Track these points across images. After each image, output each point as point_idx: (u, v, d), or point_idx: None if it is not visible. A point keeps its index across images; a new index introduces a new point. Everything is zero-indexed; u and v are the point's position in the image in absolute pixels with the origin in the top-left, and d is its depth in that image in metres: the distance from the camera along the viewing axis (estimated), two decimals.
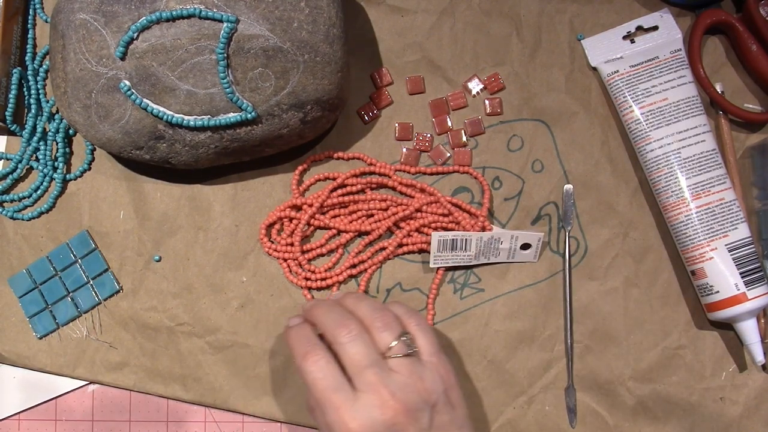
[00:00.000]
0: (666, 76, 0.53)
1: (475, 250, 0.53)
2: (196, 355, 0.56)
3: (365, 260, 0.55)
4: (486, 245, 0.53)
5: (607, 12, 0.56)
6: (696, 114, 0.53)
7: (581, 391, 0.55)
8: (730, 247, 0.51)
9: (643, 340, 0.55)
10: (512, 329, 0.55)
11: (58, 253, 0.57)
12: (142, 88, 0.48)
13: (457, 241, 0.52)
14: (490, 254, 0.54)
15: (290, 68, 0.49)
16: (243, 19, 0.47)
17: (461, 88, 0.57)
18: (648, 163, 0.53)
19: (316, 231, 0.56)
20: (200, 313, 0.56)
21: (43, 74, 0.58)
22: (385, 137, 0.57)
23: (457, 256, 0.53)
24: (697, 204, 0.52)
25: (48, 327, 0.57)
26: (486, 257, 0.54)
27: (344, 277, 0.55)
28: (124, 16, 0.47)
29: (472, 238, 0.52)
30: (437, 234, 0.52)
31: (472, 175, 0.55)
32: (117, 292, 0.57)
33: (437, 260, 0.53)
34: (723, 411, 0.54)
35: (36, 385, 0.57)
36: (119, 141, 0.50)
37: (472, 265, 0.55)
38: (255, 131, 0.50)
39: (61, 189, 0.58)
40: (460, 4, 0.57)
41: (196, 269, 0.57)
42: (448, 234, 0.52)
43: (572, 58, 0.56)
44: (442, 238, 0.52)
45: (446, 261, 0.53)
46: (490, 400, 0.55)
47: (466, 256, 0.53)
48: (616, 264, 0.55)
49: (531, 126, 0.56)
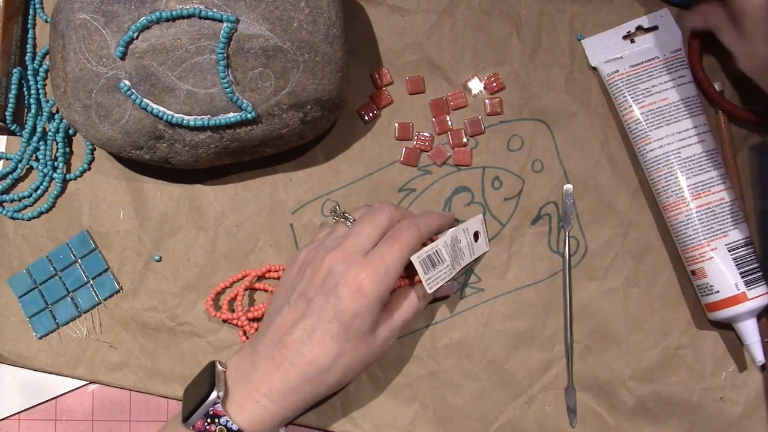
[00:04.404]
0: (666, 76, 0.53)
1: (449, 258, 0.50)
2: (196, 355, 0.56)
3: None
4: (452, 249, 0.51)
5: (607, 12, 0.56)
6: (696, 114, 0.53)
7: (581, 391, 0.55)
8: (730, 247, 0.51)
9: (643, 340, 0.55)
10: (512, 329, 0.55)
11: (58, 253, 0.57)
12: (142, 87, 0.48)
13: (432, 255, 0.49)
14: (459, 258, 0.52)
15: (290, 68, 0.49)
16: (243, 18, 0.47)
17: (461, 88, 0.57)
18: (648, 163, 0.53)
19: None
20: (201, 313, 0.56)
21: (43, 74, 0.58)
22: (385, 137, 0.57)
23: (440, 272, 0.50)
24: (697, 204, 0.52)
25: (48, 327, 0.57)
26: (458, 263, 0.52)
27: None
28: (124, 16, 0.47)
29: (440, 246, 0.50)
30: (415, 256, 0.48)
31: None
32: (117, 292, 0.57)
33: (430, 283, 0.49)
34: (723, 411, 0.54)
35: (36, 385, 0.57)
36: (119, 141, 0.50)
37: (456, 275, 0.52)
38: (255, 131, 0.50)
39: (61, 189, 0.58)
40: (460, 4, 0.57)
41: (196, 269, 0.57)
42: (422, 253, 0.49)
43: (572, 58, 0.56)
44: (420, 258, 0.49)
45: (436, 281, 0.50)
46: (490, 400, 0.55)
47: (446, 268, 0.50)
48: (616, 264, 0.55)
49: (531, 126, 0.56)
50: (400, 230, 0.49)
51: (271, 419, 0.46)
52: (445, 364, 0.55)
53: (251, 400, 0.46)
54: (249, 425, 0.46)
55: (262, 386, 0.46)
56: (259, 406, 0.46)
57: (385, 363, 0.55)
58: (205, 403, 0.46)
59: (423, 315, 0.56)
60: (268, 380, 0.46)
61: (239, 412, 0.46)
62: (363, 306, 0.46)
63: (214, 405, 0.46)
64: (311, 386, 0.47)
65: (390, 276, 0.47)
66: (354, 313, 0.46)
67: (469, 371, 0.55)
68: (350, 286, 0.46)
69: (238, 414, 0.46)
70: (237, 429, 0.45)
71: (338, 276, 0.47)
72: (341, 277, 0.47)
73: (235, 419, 0.46)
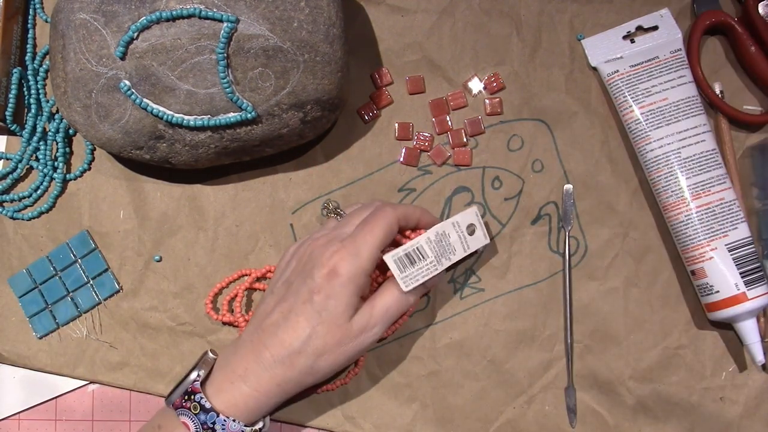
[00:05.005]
0: (666, 76, 0.53)
1: (432, 254, 0.50)
2: (197, 355, 0.56)
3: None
4: (438, 245, 0.50)
5: (607, 12, 0.56)
6: (696, 114, 0.53)
7: (581, 391, 0.55)
8: (730, 247, 0.51)
9: (643, 340, 0.55)
10: (512, 329, 0.55)
11: (58, 253, 0.57)
12: (142, 87, 0.48)
13: (411, 253, 0.49)
14: (448, 253, 0.50)
15: (290, 68, 0.49)
16: (243, 18, 0.47)
17: (461, 88, 0.57)
18: (648, 163, 0.53)
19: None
20: (201, 312, 0.56)
21: (43, 74, 0.58)
22: (385, 137, 0.57)
23: (422, 269, 0.49)
24: (697, 204, 0.52)
25: (48, 327, 0.57)
26: (447, 258, 0.50)
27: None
28: (124, 16, 0.47)
29: (422, 243, 0.49)
30: (389, 255, 0.48)
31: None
32: (117, 292, 0.57)
33: (407, 281, 0.48)
34: (723, 411, 0.54)
35: (36, 384, 0.57)
36: (119, 141, 0.50)
37: (441, 271, 0.50)
38: (255, 131, 0.50)
39: (61, 189, 0.58)
40: (460, 4, 0.57)
41: (196, 269, 0.57)
42: (398, 251, 0.48)
43: (572, 58, 0.56)
44: (396, 257, 0.48)
45: (416, 278, 0.49)
46: (490, 400, 0.55)
47: (429, 264, 0.49)
48: (616, 264, 0.55)
49: (531, 126, 0.56)
50: (373, 214, 0.49)
51: (245, 402, 0.47)
52: (445, 364, 0.55)
53: (227, 382, 0.47)
54: (225, 407, 0.47)
55: (238, 368, 0.48)
56: (233, 388, 0.47)
57: (385, 363, 0.55)
58: (184, 382, 0.48)
59: (423, 315, 0.56)
60: (243, 363, 0.48)
61: (216, 393, 0.47)
62: (335, 286, 0.47)
63: (192, 383, 0.47)
64: (283, 369, 0.47)
65: (362, 257, 0.47)
66: (327, 294, 0.47)
67: (469, 371, 0.55)
68: (324, 268, 0.47)
69: (215, 395, 0.47)
70: (210, 407, 0.46)
71: (315, 260, 0.48)
72: (317, 260, 0.48)
73: (210, 399, 0.47)
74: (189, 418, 0.46)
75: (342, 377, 0.54)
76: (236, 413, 0.47)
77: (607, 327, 0.55)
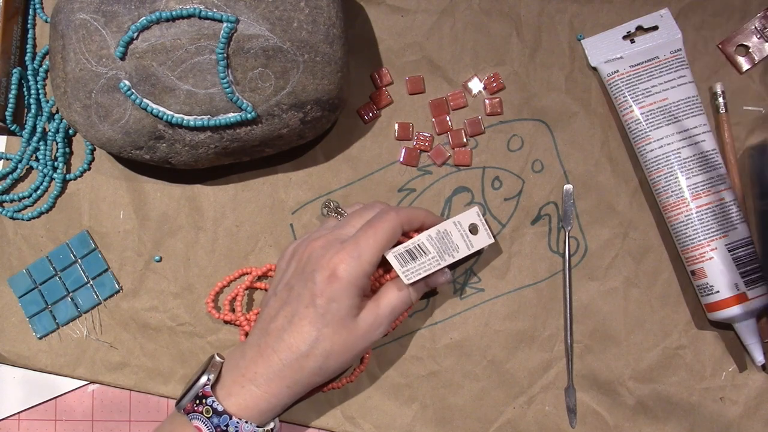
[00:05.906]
0: (666, 76, 0.53)
1: (434, 250, 0.50)
2: (197, 355, 0.56)
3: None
4: (440, 242, 0.50)
5: (607, 12, 0.56)
6: (696, 114, 0.53)
7: (581, 391, 0.55)
8: (730, 247, 0.51)
9: (643, 340, 0.55)
10: (512, 329, 0.55)
11: (58, 253, 0.57)
12: (142, 88, 0.48)
13: (412, 249, 0.49)
14: (451, 250, 0.51)
15: (290, 68, 0.49)
16: (243, 19, 0.47)
17: (461, 88, 0.57)
18: (648, 163, 0.53)
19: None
20: (201, 313, 0.56)
21: (43, 74, 0.58)
22: (385, 137, 0.57)
23: (423, 264, 0.50)
24: (697, 204, 0.52)
25: (48, 327, 0.57)
26: (450, 255, 0.50)
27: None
28: (124, 16, 0.47)
29: (423, 240, 0.50)
30: (391, 252, 0.49)
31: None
32: (117, 292, 0.57)
33: (409, 274, 0.49)
34: (723, 411, 0.54)
35: (36, 385, 0.57)
36: (119, 141, 0.50)
37: (445, 265, 0.51)
38: (255, 131, 0.50)
39: (61, 189, 0.58)
40: (460, 4, 0.57)
41: (196, 269, 0.57)
42: (399, 248, 0.49)
43: (572, 58, 0.56)
44: (397, 253, 0.49)
45: (418, 272, 0.50)
46: (490, 400, 0.55)
47: (431, 259, 0.50)
48: (616, 264, 0.55)
49: (531, 126, 0.56)
50: (377, 217, 0.49)
51: (256, 404, 0.47)
52: (445, 364, 0.55)
53: (237, 385, 0.48)
54: (236, 409, 0.47)
55: (248, 372, 0.48)
56: (244, 391, 0.47)
57: (385, 363, 0.55)
58: (195, 386, 0.48)
59: (423, 315, 0.56)
60: (253, 366, 0.48)
61: (227, 396, 0.48)
62: (337, 290, 0.47)
63: (203, 388, 0.47)
64: (292, 372, 0.47)
65: (364, 260, 0.47)
66: (329, 297, 0.47)
67: (469, 371, 0.55)
68: (325, 271, 0.47)
69: (226, 398, 0.47)
70: (222, 410, 0.47)
71: (315, 262, 0.48)
72: (317, 263, 0.48)
73: (222, 402, 0.47)
74: (201, 421, 0.47)
75: (348, 375, 0.55)
76: (248, 415, 0.47)
77: (607, 327, 0.55)
